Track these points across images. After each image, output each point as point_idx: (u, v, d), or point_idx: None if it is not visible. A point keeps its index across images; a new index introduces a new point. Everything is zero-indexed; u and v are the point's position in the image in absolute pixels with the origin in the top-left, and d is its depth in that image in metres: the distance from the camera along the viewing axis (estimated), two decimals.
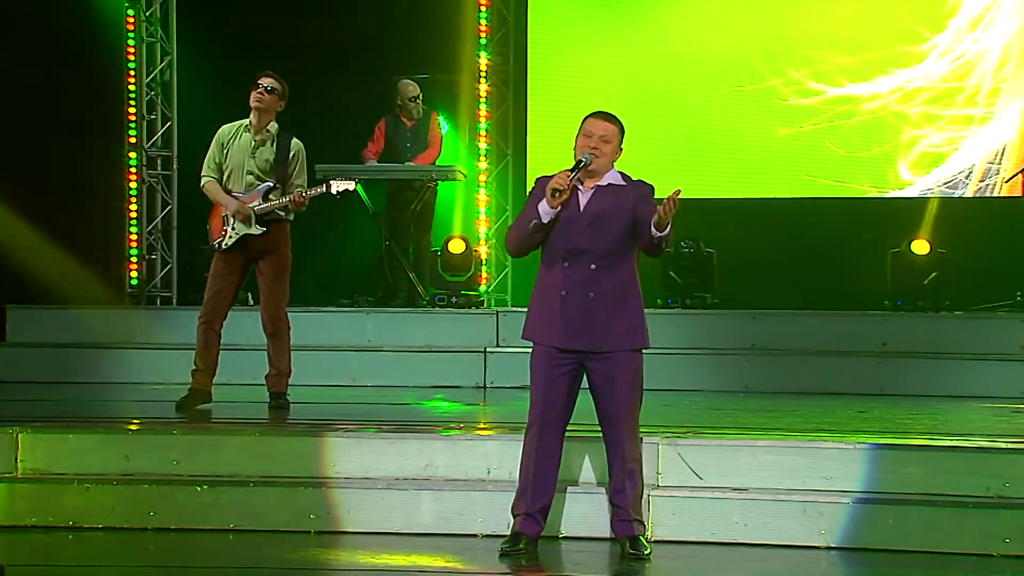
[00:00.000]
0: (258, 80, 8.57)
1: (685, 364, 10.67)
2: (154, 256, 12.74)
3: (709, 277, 11.88)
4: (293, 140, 8.65)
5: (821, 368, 10.62)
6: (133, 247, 12.60)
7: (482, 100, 12.99)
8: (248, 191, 8.59)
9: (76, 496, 7.14)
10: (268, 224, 8.58)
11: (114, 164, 12.58)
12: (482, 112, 13.00)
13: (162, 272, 12.76)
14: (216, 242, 8.66)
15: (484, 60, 13.01)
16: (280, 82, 8.61)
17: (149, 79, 12.77)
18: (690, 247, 11.83)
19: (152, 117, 12.79)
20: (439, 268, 11.86)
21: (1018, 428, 8.41)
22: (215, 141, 8.70)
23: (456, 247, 11.91)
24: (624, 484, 6.45)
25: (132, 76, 12.68)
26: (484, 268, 12.63)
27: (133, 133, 12.67)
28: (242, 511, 7.06)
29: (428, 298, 11.73)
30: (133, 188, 12.63)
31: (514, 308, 11.64)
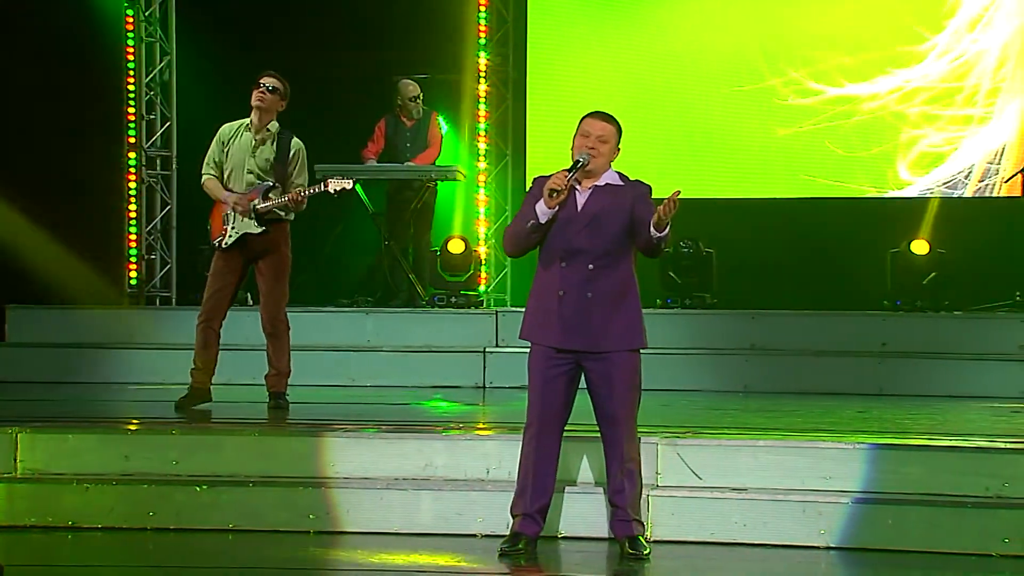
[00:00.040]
0: (259, 80, 8.57)
1: (684, 364, 10.67)
2: (153, 256, 12.74)
3: (708, 277, 11.87)
4: (293, 139, 8.64)
5: (820, 368, 10.62)
6: (132, 247, 12.62)
7: (481, 100, 13.00)
8: (248, 190, 8.59)
9: (75, 496, 7.14)
10: (268, 224, 8.57)
11: (113, 164, 12.58)
12: (481, 112, 13.00)
13: (161, 272, 12.76)
14: (216, 241, 8.65)
15: (484, 60, 13.01)
16: (282, 82, 8.61)
17: (148, 79, 12.77)
18: (689, 247, 11.82)
19: (151, 117, 12.80)
20: (438, 268, 11.85)
21: (1017, 428, 8.40)
22: (216, 139, 8.70)
23: (455, 247, 11.89)
24: (623, 484, 6.44)
25: (131, 76, 12.69)
26: (483, 268, 12.63)
27: (132, 133, 12.68)
28: (241, 511, 7.06)
29: (427, 298, 11.72)
30: (132, 188, 12.65)
31: (513, 308, 11.62)
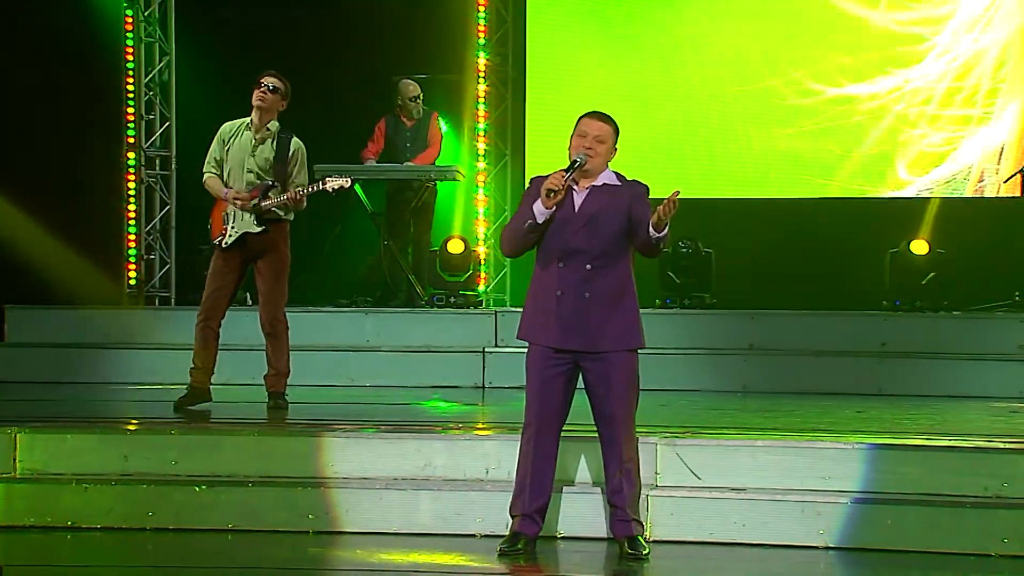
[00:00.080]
0: (260, 79, 8.56)
1: (683, 364, 10.67)
2: (152, 256, 12.74)
3: (707, 277, 11.86)
4: (293, 139, 8.63)
5: (820, 368, 10.61)
6: (132, 247, 12.62)
7: (481, 100, 13.00)
8: (248, 189, 8.58)
9: (74, 496, 7.14)
10: (267, 223, 8.57)
11: (113, 164, 12.58)
12: (481, 112, 13.00)
13: (160, 272, 12.76)
14: (217, 240, 8.65)
15: (483, 60, 13.02)
16: (283, 81, 8.61)
17: (148, 79, 12.77)
18: (689, 247, 11.81)
19: (151, 117, 12.80)
20: (438, 268, 11.84)
21: (1016, 428, 8.39)
22: (217, 137, 8.70)
23: (455, 247, 11.88)
24: (621, 484, 6.44)
25: (131, 76, 12.69)
26: (483, 268, 12.63)
27: (132, 133, 12.68)
28: (240, 511, 7.06)
29: (427, 298, 11.72)
30: (132, 188, 12.64)
31: (513, 308, 11.60)
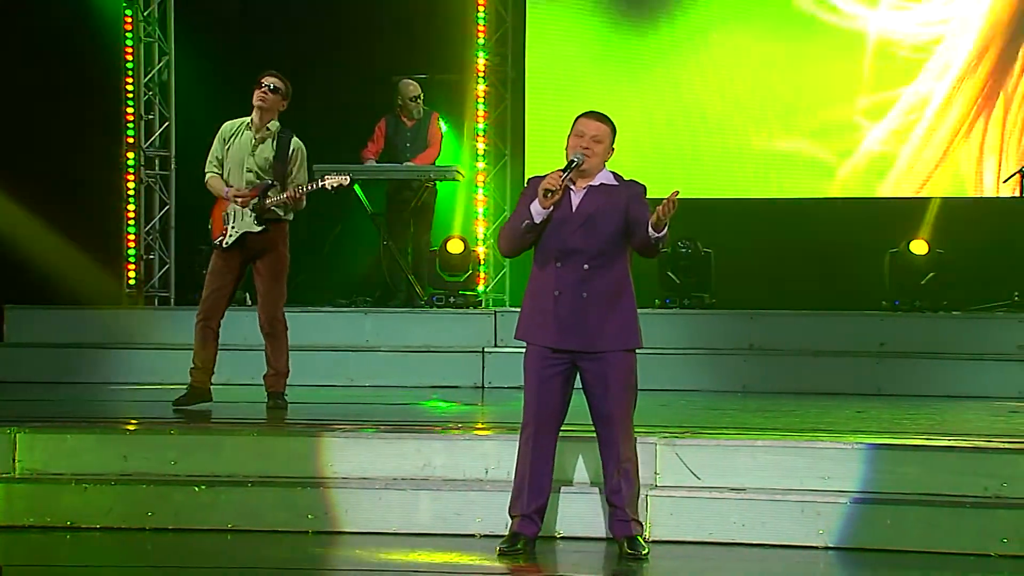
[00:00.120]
0: (261, 79, 8.56)
1: (683, 364, 10.67)
2: (152, 256, 12.73)
3: (707, 277, 11.86)
4: (293, 139, 8.63)
5: (819, 368, 10.62)
6: (131, 247, 12.61)
7: (480, 101, 12.99)
8: (248, 188, 8.58)
9: (74, 496, 7.14)
10: (267, 223, 8.57)
11: (112, 164, 12.57)
12: (480, 113, 13.00)
13: (160, 272, 12.75)
14: (217, 240, 8.65)
15: (482, 60, 13.01)
16: (284, 81, 8.61)
17: (147, 79, 12.76)
18: (688, 247, 11.81)
19: (150, 117, 12.79)
20: (437, 268, 11.84)
21: (1015, 428, 8.39)
22: (218, 137, 8.70)
23: (454, 247, 11.88)
24: (620, 485, 6.44)
25: (130, 76, 12.67)
26: (482, 268, 12.62)
27: (131, 133, 12.66)
28: (240, 511, 7.06)
29: (426, 298, 11.72)
30: (131, 188, 12.64)
31: (512, 308, 11.58)
